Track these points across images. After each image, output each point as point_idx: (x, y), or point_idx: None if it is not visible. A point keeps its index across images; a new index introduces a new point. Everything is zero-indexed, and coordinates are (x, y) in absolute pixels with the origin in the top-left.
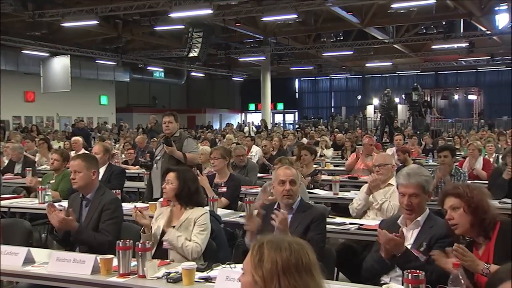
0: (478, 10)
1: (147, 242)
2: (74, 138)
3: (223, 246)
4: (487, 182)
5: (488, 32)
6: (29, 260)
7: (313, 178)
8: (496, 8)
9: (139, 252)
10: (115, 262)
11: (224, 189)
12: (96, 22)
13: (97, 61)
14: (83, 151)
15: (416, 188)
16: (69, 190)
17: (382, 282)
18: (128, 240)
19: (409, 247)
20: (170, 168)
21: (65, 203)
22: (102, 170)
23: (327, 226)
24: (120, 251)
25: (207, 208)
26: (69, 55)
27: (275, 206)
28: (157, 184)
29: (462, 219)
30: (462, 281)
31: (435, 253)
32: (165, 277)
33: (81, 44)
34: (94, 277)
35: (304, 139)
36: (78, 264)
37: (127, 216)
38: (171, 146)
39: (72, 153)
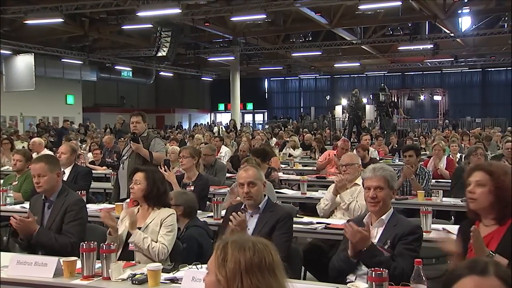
0: (442, 12)
1: (112, 243)
2: (33, 139)
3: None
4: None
5: (452, 35)
6: None
7: (268, 178)
8: (459, 11)
9: (104, 254)
10: (79, 264)
11: (192, 188)
12: (61, 20)
13: (62, 60)
14: (44, 151)
15: (380, 181)
16: (32, 191)
17: (348, 280)
18: (92, 242)
19: None
20: (138, 168)
21: (27, 205)
22: (68, 171)
23: (294, 225)
24: (84, 253)
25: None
26: (33, 53)
27: (242, 207)
28: (123, 184)
29: (483, 197)
30: (424, 278)
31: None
32: (130, 278)
33: (46, 42)
34: (56, 280)
35: (274, 139)
36: (40, 267)
37: (93, 217)
38: (138, 143)
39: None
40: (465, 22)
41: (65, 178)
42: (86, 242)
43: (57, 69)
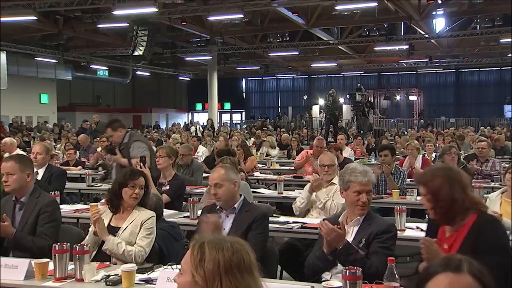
0: (417, 14)
1: (86, 244)
2: (4, 139)
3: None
4: None
5: (427, 35)
6: None
7: None
8: (434, 13)
9: (77, 255)
10: (51, 266)
11: (168, 187)
12: (34, 17)
13: (36, 58)
14: (17, 151)
15: (371, 185)
16: (3, 192)
17: (323, 279)
18: (65, 243)
19: None
20: (142, 173)
21: None
22: (41, 171)
23: (271, 225)
24: (57, 254)
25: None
26: (5, 51)
27: (217, 207)
28: None
29: (427, 206)
30: (397, 276)
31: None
32: (104, 280)
33: (19, 40)
34: (27, 282)
35: (252, 138)
36: (10, 269)
37: (67, 218)
38: (114, 154)
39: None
40: (439, 24)
41: (39, 178)
42: (58, 244)
43: (30, 67)
